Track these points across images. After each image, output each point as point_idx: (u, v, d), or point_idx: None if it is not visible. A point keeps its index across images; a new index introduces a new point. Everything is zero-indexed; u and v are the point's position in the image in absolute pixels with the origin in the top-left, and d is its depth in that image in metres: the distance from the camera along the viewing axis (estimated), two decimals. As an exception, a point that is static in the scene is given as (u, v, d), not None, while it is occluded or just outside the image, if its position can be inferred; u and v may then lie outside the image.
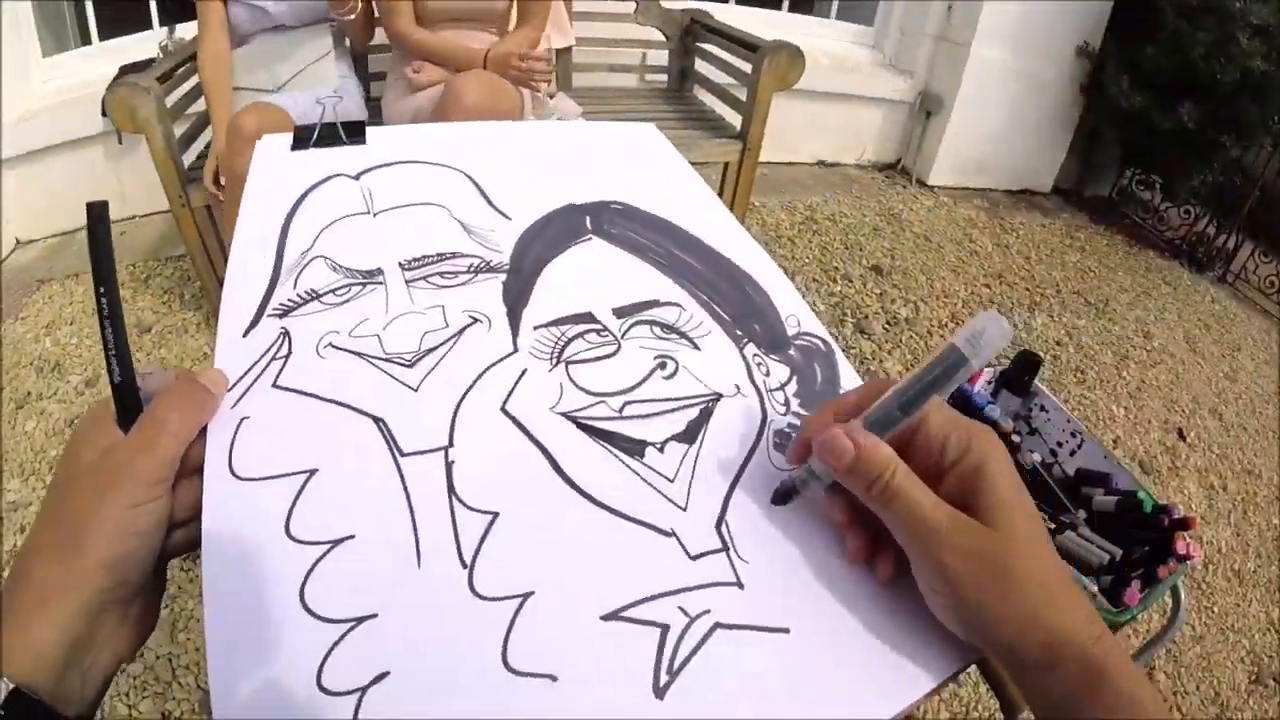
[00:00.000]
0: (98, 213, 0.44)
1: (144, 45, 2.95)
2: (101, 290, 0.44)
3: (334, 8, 2.05)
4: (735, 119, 2.70)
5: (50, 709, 0.37)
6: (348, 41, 2.34)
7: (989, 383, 1.44)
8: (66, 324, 2.44)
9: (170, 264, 2.76)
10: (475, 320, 0.56)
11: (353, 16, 2.07)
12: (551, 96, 2.51)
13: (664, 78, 3.24)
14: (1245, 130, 3.51)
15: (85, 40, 3.09)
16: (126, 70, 2.69)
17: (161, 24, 3.04)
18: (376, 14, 2.21)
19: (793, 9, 3.97)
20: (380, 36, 2.27)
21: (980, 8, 3.71)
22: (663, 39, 3.14)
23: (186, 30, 2.62)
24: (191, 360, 2.23)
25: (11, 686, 0.36)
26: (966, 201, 4.01)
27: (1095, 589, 1.11)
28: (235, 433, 0.46)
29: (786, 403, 0.55)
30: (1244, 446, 2.49)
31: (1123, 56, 3.75)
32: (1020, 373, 1.41)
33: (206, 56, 2.08)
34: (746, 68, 2.59)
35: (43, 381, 2.17)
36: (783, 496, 0.47)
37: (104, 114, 2.77)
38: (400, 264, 0.60)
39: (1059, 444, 1.39)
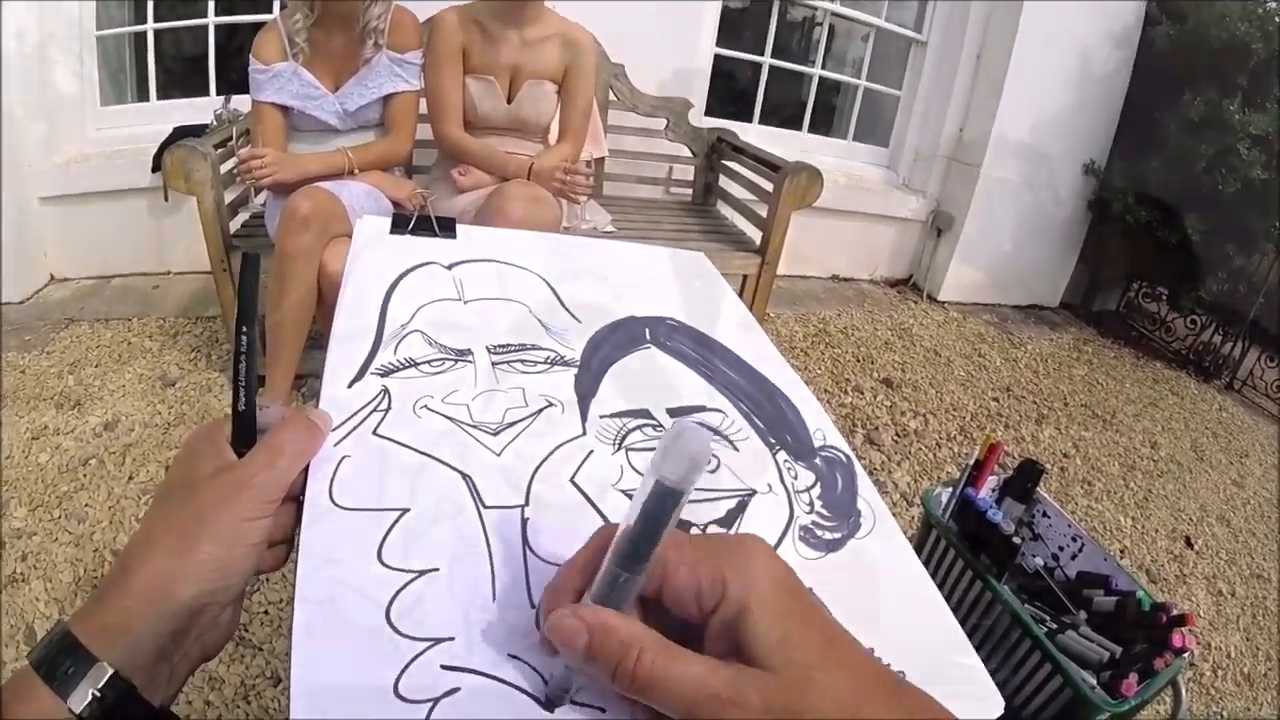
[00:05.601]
0: (251, 262, 0.52)
1: (199, 110, 3.09)
2: (243, 329, 0.51)
3: None
4: (755, 233, 2.85)
5: (140, 697, 0.41)
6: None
7: (993, 490, 1.52)
8: (91, 365, 2.50)
9: (200, 323, 2.85)
10: (551, 404, 0.65)
11: None
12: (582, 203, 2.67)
13: (689, 191, 3.43)
14: (1248, 239, 3.66)
15: (143, 96, 3.27)
16: (181, 132, 2.82)
17: (219, 92, 3.19)
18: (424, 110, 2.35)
19: (812, 130, 4.19)
20: (423, 132, 2.42)
21: (990, 129, 3.93)
22: (690, 155, 3.34)
23: (242, 102, 2.69)
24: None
25: (111, 671, 0.39)
26: (976, 316, 4.14)
27: (1094, 683, 1.17)
28: (336, 467, 0.53)
29: (811, 504, 0.64)
30: (1252, 552, 2.52)
31: (1128, 173, 3.94)
32: (1023, 480, 1.50)
33: None
34: (768, 185, 2.75)
35: (61, 417, 2.21)
36: (551, 704, 0.42)
37: (154, 169, 2.90)
38: (488, 348, 0.70)
39: (1060, 548, 1.47)
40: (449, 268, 0.82)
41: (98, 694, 0.39)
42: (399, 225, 0.87)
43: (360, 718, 0.40)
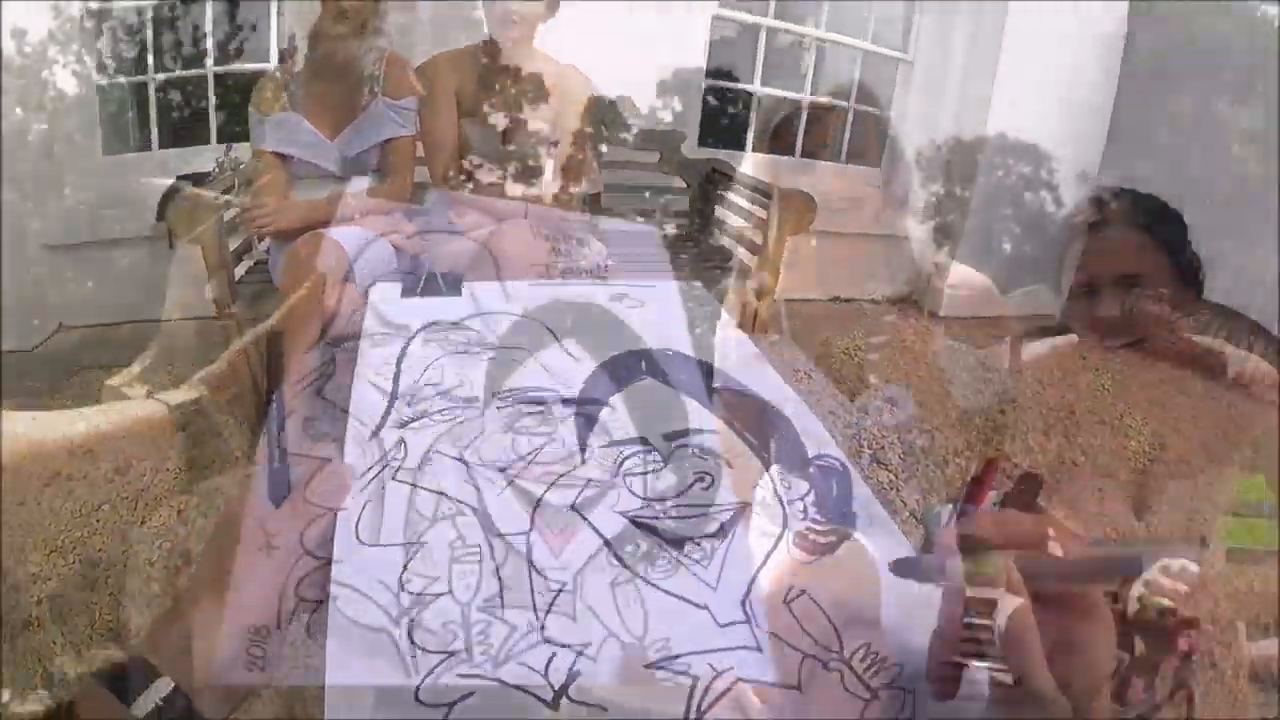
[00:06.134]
0: (277, 341, 0.60)
1: (201, 158, 3.09)
2: (273, 397, 0.58)
3: None
4: (753, 261, 2.88)
5: (199, 713, 0.46)
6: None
7: (995, 505, 1.53)
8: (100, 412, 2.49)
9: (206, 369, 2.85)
10: (552, 440, 0.71)
11: None
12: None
13: (684, 222, 3.45)
14: (1245, 237, 3.65)
15: (145, 145, 3.29)
16: (184, 181, 2.77)
17: (220, 140, 3.22)
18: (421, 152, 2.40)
19: (805, 154, 4.22)
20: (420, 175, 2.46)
21: (982, 146, 3.95)
22: (684, 186, 3.38)
23: (244, 150, 2.68)
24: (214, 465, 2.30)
25: (171, 685, 0.44)
26: (978, 330, 4.13)
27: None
28: (362, 508, 0.60)
29: (805, 510, 0.67)
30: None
31: (1121, 179, 3.93)
32: (1023, 493, 1.50)
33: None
34: (763, 213, 2.79)
35: (73, 463, 2.14)
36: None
37: (159, 218, 2.83)
38: (493, 394, 0.76)
39: (1065, 557, 1.47)
40: (457, 324, 0.87)
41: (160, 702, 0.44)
42: (409, 290, 0.93)
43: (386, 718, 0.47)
